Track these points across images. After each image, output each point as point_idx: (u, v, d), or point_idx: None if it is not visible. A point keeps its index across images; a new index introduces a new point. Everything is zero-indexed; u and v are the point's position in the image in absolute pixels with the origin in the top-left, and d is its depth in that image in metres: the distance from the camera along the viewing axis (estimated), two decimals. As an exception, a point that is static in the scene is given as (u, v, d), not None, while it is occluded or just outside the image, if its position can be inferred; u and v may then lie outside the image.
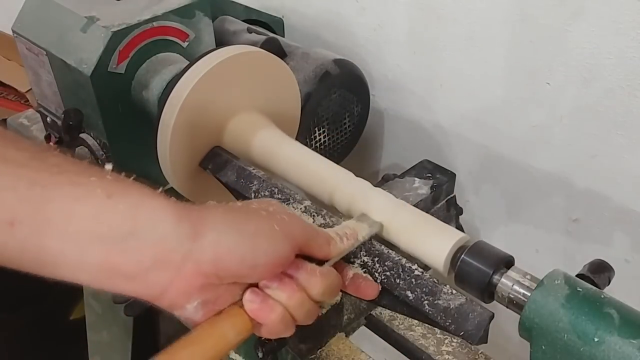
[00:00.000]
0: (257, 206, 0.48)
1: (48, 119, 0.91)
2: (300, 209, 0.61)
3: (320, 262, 0.51)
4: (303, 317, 0.48)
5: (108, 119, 0.79)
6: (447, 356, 0.73)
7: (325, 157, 0.67)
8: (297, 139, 0.77)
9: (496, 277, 0.51)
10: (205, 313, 0.46)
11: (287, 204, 0.61)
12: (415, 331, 0.76)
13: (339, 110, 0.90)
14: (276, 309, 0.46)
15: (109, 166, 0.45)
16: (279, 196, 0.62)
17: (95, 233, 0.40)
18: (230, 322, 0.46)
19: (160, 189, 0.44)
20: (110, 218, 0.41)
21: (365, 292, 0.54)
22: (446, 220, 0.76)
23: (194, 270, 0.43)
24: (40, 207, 0.40)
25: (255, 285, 0.47)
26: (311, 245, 0.49)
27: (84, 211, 0.40)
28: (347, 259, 0.55)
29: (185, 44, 0.82)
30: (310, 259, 0.50)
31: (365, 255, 0.56)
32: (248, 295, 0.46)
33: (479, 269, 0.52)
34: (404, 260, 0.54)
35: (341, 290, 0.54)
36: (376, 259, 0.55)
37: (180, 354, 0.44)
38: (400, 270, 0.54)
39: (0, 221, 0.39)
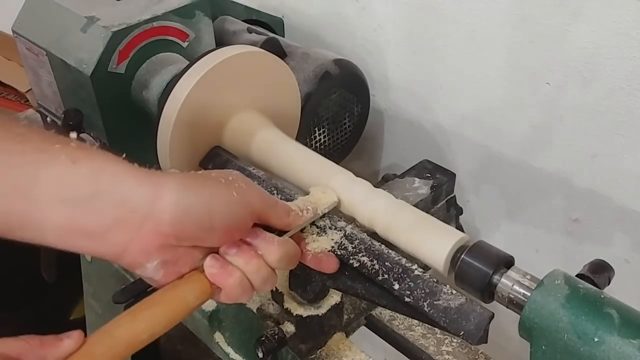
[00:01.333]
0: (216, 175, 0.50)
1: (48, 119, 0.91)
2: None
3: (281, 233, 0.53)
4: (260, 283, 0.50)
5: (108, 119, 0.79)
6: (447, 356, 0.73)
7: (325, 157, 0.67)
8: (297, 139, 0.77)
9: (496, 277, 0.51)
10: (166, 273, 0.48)
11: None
12: (415, 331, 0.76)
13: (339, 110, 0.90)
14: (234, 274, 0.48)
15: (73, 134, 0.47)
16: (279, 196, 0.62)
17: (60, 196, 0.43)
18: (190, 286, 0.48)
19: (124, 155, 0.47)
20: (74, 181, 0.43)
21: (326, 265, 0.56)
22: (446, 220, 0.76)
23: (152, 230, 0.45)
24: (6, 172, 0.42)
25: (216, 251, 0.49)
26: (269, 215, 0.51)
27: (48, 175, 0.43)
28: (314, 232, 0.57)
29: (185, 44, 0.82)
30: (270, 229, 0.52)
31: (365, 256, 0.56)
32: (208, 261, 0.48)
33: (479, 269, 0.52)
34: (404, 260, 0.54)
35: (302, 263, 0.56)
36: (376, 259, 0.55)
37: (142, 314, 0.46)
38: (400, 270, 0.54)
39: None
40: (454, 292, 0.51)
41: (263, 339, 0.64)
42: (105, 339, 0.45)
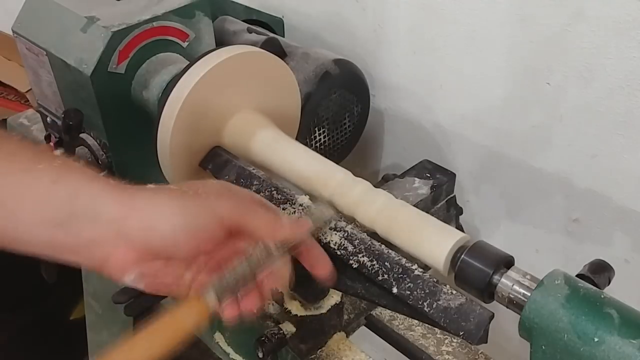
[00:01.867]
0: (188, 187, 0.51)
1: (48, 119, 0.91)
2: (300, 210, 0.61)
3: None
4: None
5: (108, 119, 0.79)
6: (447, 356, 0.73)
7: (325, 157, 0.67)
8: (297, 139, 0.77)
9: (496, 277, 0.51)
10: (147, 284, 0.50)
11: (286, 204, 0.61)
12: (415, 331, 0.76)
13: (339, 110, 0.90)
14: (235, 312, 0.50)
15: (57, 152, 0.49)
16: (279, 196, 0.62)
17: (41, 217, 0.46)
18: (188, 311, 0.49)
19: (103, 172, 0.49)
20: (54, 203, 0.46)
21: (320, 270, 0.54)
22: (446, 220, 0.76)
23: (126, 247, 0.47)
24: None
25: (195, 261, 0.50)
26: (248, 224, 0.50)
27: (31, 197, 0.46)
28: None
29: (185, 44, 0.82)
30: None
31: (365, 256, 0.56)
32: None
33: (479, 269, 0.52)
34: (404, 260, 0.54)
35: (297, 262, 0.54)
36: (376, 259, 0.55)
37: (140, 343, 0.49)
38: (400, 270, 0.54)
39: None
40: (454, 292, 0.51)
41: (263, 339, 0.64)
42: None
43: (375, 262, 0.55)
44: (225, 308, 0.50)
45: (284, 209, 0.61)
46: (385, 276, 0.54)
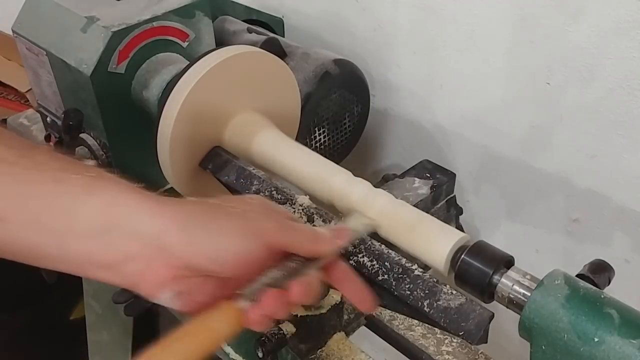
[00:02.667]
0: (233, 203, 0.49)
1: (48, 119, 0.91)
2: (299, 210, 0.61)
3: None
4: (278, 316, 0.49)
5: (108, 119, 0.79)
6: (447, 356, 0.73)
7: (325, 157, 0.67)
8: (297, 139, 0.77)
9: (496, 277, 0.51)
10: (183, 303, 0.47)
11: (286, 204, 0.61)
12: (415, 331, 0.76)
13: (339, 110, 0.90)
14: (267, 324, 0.48)
15: (91, 162, 0.47)
16: (279, 196, 0.62)
17: (74, 229, 0.43)
18: (221, 317, 0.47)
19: (139, 185, 0.47)
20: (88, 214, 0.44)
21: (362, 304, 0.52)
22: (446, 220, 0.76)
23: (163, 263, 0.45)
24: (25, 203, 0.43)
25: (234, 282, 0.47)
26: (292, 244, 0.49)
27: (64, 207, 0.43)
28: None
29: (185, 44, 0.82)
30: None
31: (365, 256, 0.56)
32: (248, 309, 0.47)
33: (479, 269, 0.52)
34: (404, 260, 0.54)
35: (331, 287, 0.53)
36: (376, 259, 0.55)
37: (170, 348, 0.45)
38: (400, 270, 0.54)
39: None
40: (454, 292, 0.51)
41: (263, 339, 0.64)
42: None
43: (375, 262, 0.55)
44: (250, 311, 0.47)
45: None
46: (385, 276, 0.54)
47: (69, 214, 0.43)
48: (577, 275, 0.51)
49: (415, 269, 0.53)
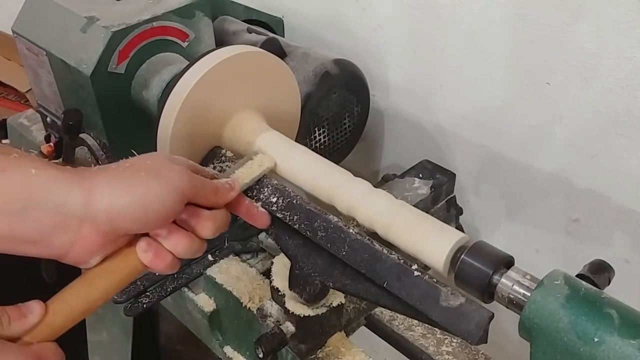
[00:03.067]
0: (143, 164, 0.52)
1: (48, 119, 0.91)
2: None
3: None
4: (189, 256, 0.54)
5: (108, 119, 0.79)
6: (447, 356, 0.73)
7: (325, 157, 0.67)
8: (297, 139, 0.77)
9: (496, 277, 0.51)
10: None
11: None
12: (415, 331, 0.76)
13: (339, 110, 0.90)
14: (166, 258, 0.52)
15: (5, 141, 0.49)
16: (279, 195, 0.62)
17: None
18: (124, 263, 0.52)
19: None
20: (7, 191, 0.45)
21: (259, 220, 0.61)
22: (446, 220, 0.76)
23: (92, 231, 0.48)
24: None
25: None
26: (198, 197, 0.54)
27: None
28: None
29: (185, 44, 0.82)
30: None
31: (365, 254, 0.56)
32: (142, 245, 0.51)
33: (479, 269, 0.52)
34: (403, 260, 0.54)
35: (233, 215, 0.59)
36: (376, 259, 0.55)
37: (97, 284, 0.50)
38: (400, 270, 0.54)
39: None
40: (454, 292, 0.51)
41: (263, 339, 0.64)
42: (64, 309, 0.49)
43: (375, 262, 0.55)
44: (153, 257, 0.51)
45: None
46: (385, 277, 0.54)
47: None
48: (577, 275, 0.51)
49: (415, 269, 0.53)
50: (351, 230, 0.57)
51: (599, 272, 0.53)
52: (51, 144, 0.86)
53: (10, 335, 0.46)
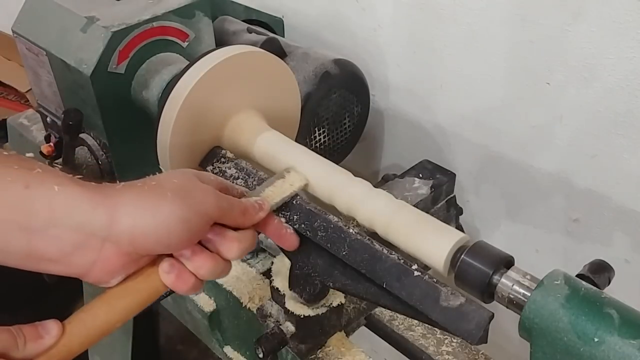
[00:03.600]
0: (170, 183, 0.50)
1: (48, 119, 0.91)
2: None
3: None
4: (212, 277, 0.52)
5: (108, 119, 0.79)
6: (447, 356, 0.73)
7: (325, 157, 0.67)
8: (297, 139, 0.77)
9: (496, 277, 0.51)
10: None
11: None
12: (415, 331, 0.76)
13: (339, 110, 0.90)
14: (189, 281, 0.50)
15: (29, 154, 0.47)
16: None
17: (16, 222, 0.43)
18: (145, 284, 0.50)
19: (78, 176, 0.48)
20: (29, 208, 0.44)
21: (287, 242, 0.59)
22: (446, 220, 0.76)
23: (113, 251, 0.46)
24: None
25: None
26: (226, 218, 0.52)
27: (3, 202, 0.43)
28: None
29: (185, 44, 0.82)
30: None
31: (365, 254, 0.56)
32: (165, 266, 0.50)
33: (479, 269, 0.52)
34: (403, 260, 0.54)
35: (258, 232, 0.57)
36: (376, 259, 0.55)
37: (117, 306, 0.49)
38: (400, 270, 0.54)
39: None
40: (454, 292, 0.51)
41: (263, 339, 0.64)
42: (82, 331, 0.47)
43: (375, 263, 0.55)
44: (176, 278, 0.50)
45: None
46: (385, 277, 0.54)
47: (9, 209, 0.43)
48: (577, 275, 0.51)
49: (415, 269, 0.53)
50: (351, 230, 0.57)
51: (599, 272, 0.53)
52: (51, 144, 0.86)
53: (25, 357, 0.44)
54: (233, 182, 0.66)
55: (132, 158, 0.83)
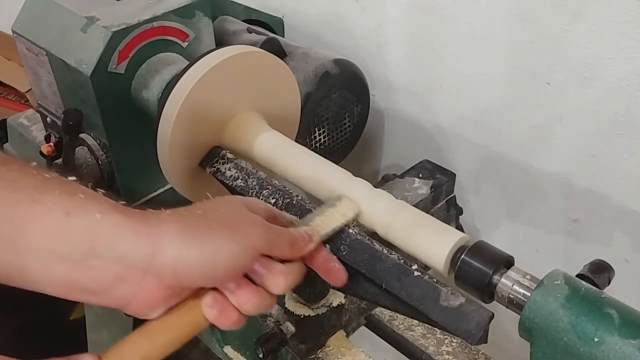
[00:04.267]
0: (217, 212, 0.48)
1: (48, 119, 0.91)
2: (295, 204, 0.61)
3: None
4: (256, 313, 0.50)
5: (108, 119, 0.79)
6: (447, 356, 0.73)
7: (325, 157, 0.67)
8: (297, 139, 0.77)
9: (496, 277, 0.51)
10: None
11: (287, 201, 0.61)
12: (415, 331, 0.76)
13: (339, 110, 0.90)
14: (232, 316, 0.48)
15: (71, 178, 0.45)
16: (278, 196, 0.62)
17: (56, 252, 0.41)
18: (187, 318, 0.48)
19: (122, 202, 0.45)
20: (69, 237, 0.42)
21: (335, 277, 0.54)
22: (446, 220, 0.76)
23: (155, 284, 0.44)
24: (1, 226, 0.41)
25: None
26: (274, 251, 0.50)
27: (43, 230, 0.41)
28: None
29: (185, 44, 0.82)
30: None
31: (365, 254, 0.56)
32: (208, 300, 0.47)
33: (479, 269, 0.52)
34: (403, 260, 0.54)
35: (307, 266, 0.54)
36: (376, 259, 0.55)
37: (158, 340, 0.46)
38: (400, 270, 0.54)
39: None
40: (454, 292, 0.51)
41: (263, 339, 0.64)
42: None
43: (375, 263, 0.55)
44: (219, 313, 0.47)
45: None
46: (385, 277, 0.54)
47: (49, 237, 0.41)
48: (577, 275, 0.51)
49: (415, 269, 0.53)
50: (351, 230, 0.57)
51: (599, 272, 0.53)
52: (51, 144, 0.86)
53: None
54: (233, 183, 0.66)
55: (132, 158, 0.83)
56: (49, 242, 0.41)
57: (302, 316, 0.64)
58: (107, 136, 0.80)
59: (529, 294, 0.49)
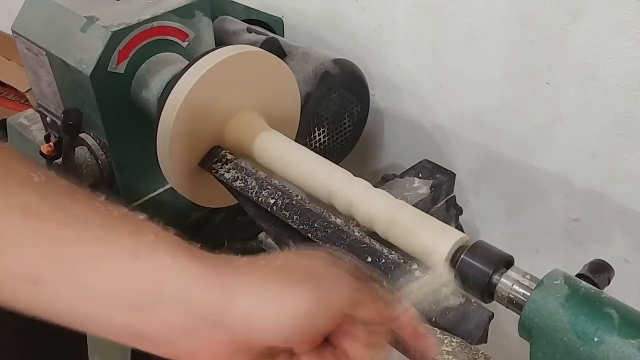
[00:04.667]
0: (297, 264, 0.44)
1: (48, 119, 0.91)
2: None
3: None
4: None
5: (108, 119, 0.79)
6: (447, 356, 0.73)
7: (325, 157, 0.67)
8: (297, 139, 0.77)
9: (496, 277, 0.51)
10: None
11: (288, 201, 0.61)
12: (415, 331, 0.76)
13: (339, 110, 0.90)
14: None
15: (142, 216, 0.42)
16: (278, 196, 0.62)
17: (121, 297, 0.39)
18: None
19: (194, 244, 0.42)
20: (136, 282, 0.39)
21: (423, 345, 0.47)
22: (446, 220, 0.76)
23: (224, 339, 0.40)
24: (63, 266, 0.38)
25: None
26: (358, 313, 0.43)
27: (108, 273, 0.39)
28: None
29: (185, 44, 0.82)
30: None
31: (365, 254, 0.56)
32: None
33: (479, 269, 0.52)
34: (403, 260, 0.54)
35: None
36: (376, 259, 0.55)
37: None
38: (400, 270, 0.54)
39: (24, 280, 0.38)
40: (454, 292, 0.51)
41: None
42: None
43: (375, 263, 0.55)
44: None
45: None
46: (385, 277, 0.54)
47: (113, 280, 0.39)
48: (577, 275, 0.51)
49: (416, 269, 0.53)
50: (351, 230, 0.57)
51: (599, 272, 0.53)
52: (51, 144, 0.86)
53: None
54: (232, 183, 0.66)
55: (132, 158, 0.83)
56: (113, 287, 0.39)
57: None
58: (107, 136, 0.80)
59: (529, 294, 0.49)
